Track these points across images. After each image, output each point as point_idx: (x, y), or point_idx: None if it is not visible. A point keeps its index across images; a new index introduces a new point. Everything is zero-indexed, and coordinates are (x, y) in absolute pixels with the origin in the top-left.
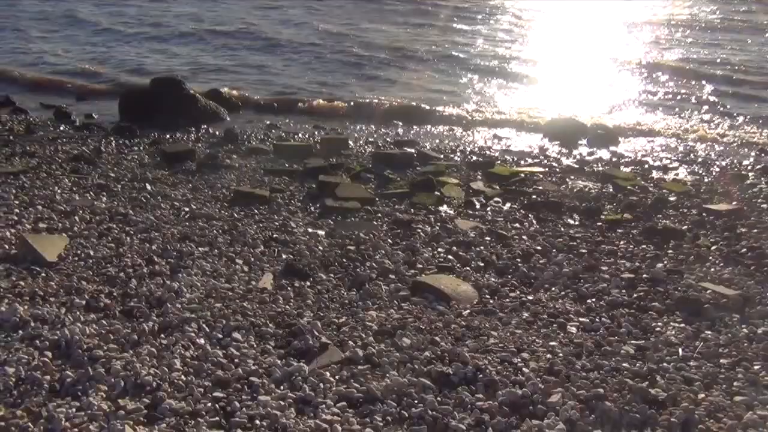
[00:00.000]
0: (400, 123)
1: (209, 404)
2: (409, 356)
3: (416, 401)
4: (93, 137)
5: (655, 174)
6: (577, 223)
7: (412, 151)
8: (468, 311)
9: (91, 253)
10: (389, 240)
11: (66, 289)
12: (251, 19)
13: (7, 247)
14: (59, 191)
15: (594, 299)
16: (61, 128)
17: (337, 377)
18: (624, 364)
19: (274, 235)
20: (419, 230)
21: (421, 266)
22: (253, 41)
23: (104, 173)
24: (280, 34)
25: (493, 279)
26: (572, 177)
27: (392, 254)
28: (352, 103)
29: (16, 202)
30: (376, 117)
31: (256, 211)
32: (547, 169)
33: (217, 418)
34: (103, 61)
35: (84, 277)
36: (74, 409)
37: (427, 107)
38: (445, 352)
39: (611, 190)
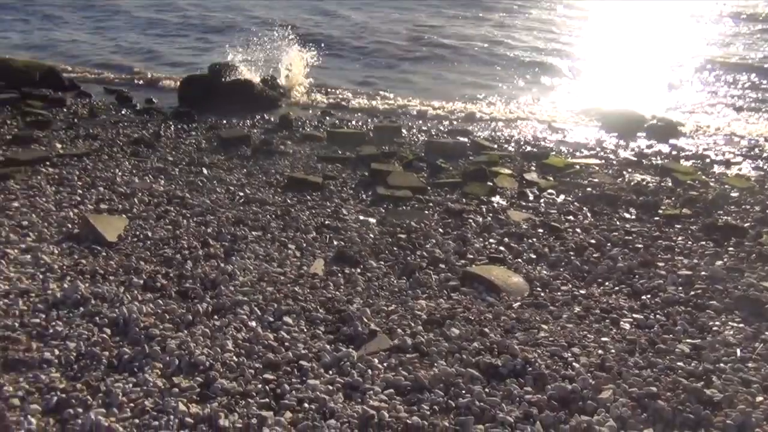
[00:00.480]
0: (452, 115)
1: (259, 386)
2: (458, 346)
3: (464, 391)
4: (153, 121)
5: (716, 169)
6: (633, 217)
7: (466, 140)
8: (518, 304)
9: (149, 234)
10: (440, 229)
11: (125, 268)
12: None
13: (70, 226)
14: (120, 173)
15: (649, 296)
16: (123, 112)
17: (385, 364)
18: (678, 363)
19: (326, 222)
20: (471, 220)
21: (471, 257)
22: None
23: (163, 157)
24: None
25: (544, 272)
26: (629, 170)
27: (443, 244)
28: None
29: (80, 183)
30: (430, 108)
31: (308, 197)
32: (603, 162)
33: (267, 400)
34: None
35: (142, 258)
36: (131, 385)
37: (481, 102)
38: (494, 344)
39: (670, 184)
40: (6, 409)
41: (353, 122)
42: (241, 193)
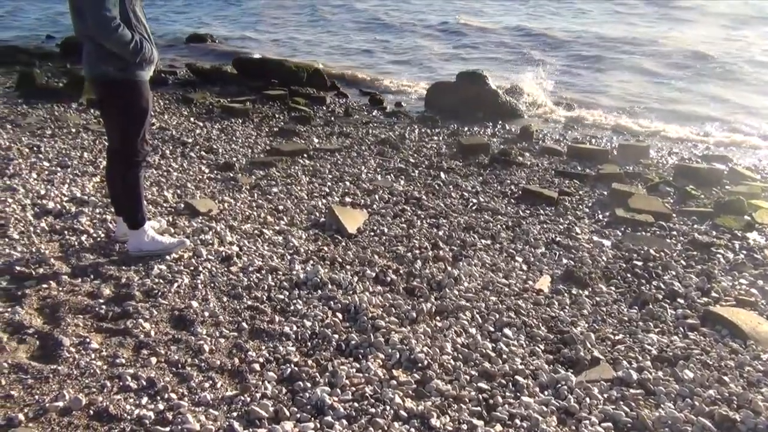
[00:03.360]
0: (708, 138)
1: (473, 393)
2: (690, 391)
3: None
4: (399, 124)
5: None
6: None
7: (723, 167)
8: None
9: (385, 230)
10: (682, 261)
11: (360, 260)
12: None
13: (317, 215)
14: (365, 170)
15: None
16: (374, 113)
17: (605, 395)
18: None
19: (557, 238)
20: (719, 255)
21: (716, 296)
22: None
23: (405, 158)
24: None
25: None
26: None
27: (684, 277)
28: (655, 112)
29: (330, 176)
30: (681, 129)
31: (542, 211)
32: None
33: (479, 408)
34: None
35: (376, 252)
36: (354, 370)
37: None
38: (734, 396)
39: None
40: (248, 371)
41: (596, 138)
42: (475, 200)
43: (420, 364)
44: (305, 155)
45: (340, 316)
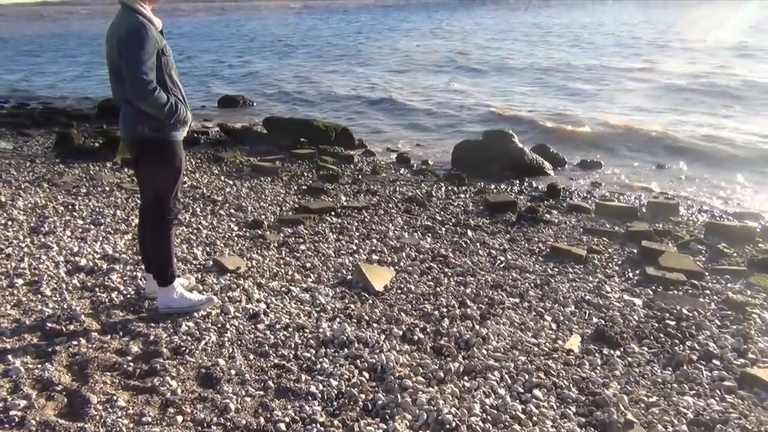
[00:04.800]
0: (740, 194)
1: None
2: None
3: None
4: (426, 182)
5: None
6: None
7: (755, 225)
8: None
9: (412, 288)
10: (717, 321)
11: (387, 317)
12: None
13: (345, 272)
14: (392, 228)
15: None
16: (401, 171)
17: None
18: None
19: (587, 297)
20: (755, 316)
21: (753, 357)
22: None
23: (432, 216)
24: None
25: None
26: None
27: (719, 337)
28: (684, 170)
29: (357, 233)
30: (712, 184)
31: (570, 269)
32: None
33: None
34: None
35: (403, 309)
36: (380, 431)
37: None
38: None
39: None
40: (274, 431)
41: (625, 195)
42: (502, 258)
43: (448, 426)
44: (333, 213)
45: (366, 375)
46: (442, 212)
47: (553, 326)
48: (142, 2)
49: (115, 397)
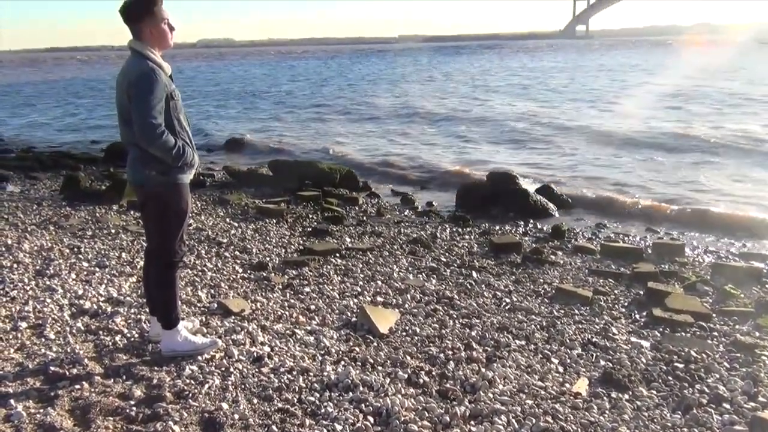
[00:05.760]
0: (746, 234)
1: None
2: None
3: None
4: (431, 223)
5: None
6: None
7: (762, 265)
8: None
9: (417, 330)
10: (726, 363)
11: (392, 360)
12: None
13: (349, 314)
14: (397, 269)
15: None
16: (405, 213)
17: None
18: None
19: (594, 339)
20: (765, 358)
21: (764, 400)
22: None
23: (437, 257)
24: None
25: None
26: None
27: (728, 380)
28: (689, 210)
29: (362, 275)
30: (717, 225)
31: (576, 311)
32: None
33: None
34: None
35: (409, 352)
36: None
37: None
38: None
39: None
40: None
41: (630, 236)
42: (508, 300)
43: None
44: (337, 254)
45: (371, 419)
46: (446, 253)
47: (560, 369)
48: (151, 48)
49: None
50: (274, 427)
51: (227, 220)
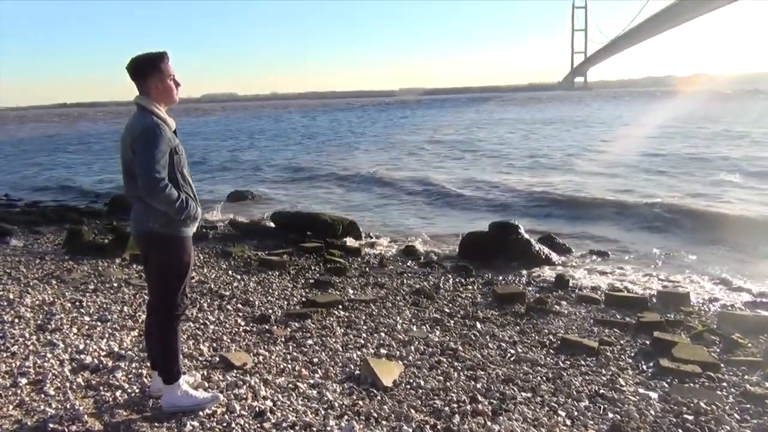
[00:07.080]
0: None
1: None
2: None
3: None
4: (433, 273)
5: None
6: None
7: None
8: None
9: (422, 383)
10: (736, 415)
11: (397, 414)
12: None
13: (352, 367)
14: (400, 321)
15: None
16: (408, 264)
17: None
18: None
19: (601, 391)
20: None
21: None
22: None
23: (440, 308)
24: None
25: None
26: None
27: None
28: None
29: (365, 327)
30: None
31: (582, 362)
32: None
33: None
34: None
35: (413, 406)
36: None
37: None
38: None
39: None
40: None
41: (634, 286)
42: (513, 351)
43: None
44: (340, 306)
45: None
46: (450, 304)
47: (568, 422)
48: (156, 104)
49: None
50: None
51: (230, 272)
